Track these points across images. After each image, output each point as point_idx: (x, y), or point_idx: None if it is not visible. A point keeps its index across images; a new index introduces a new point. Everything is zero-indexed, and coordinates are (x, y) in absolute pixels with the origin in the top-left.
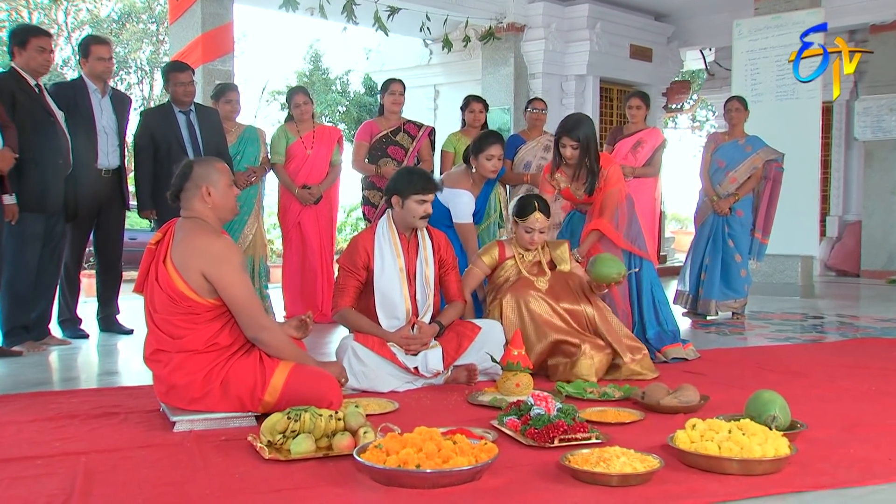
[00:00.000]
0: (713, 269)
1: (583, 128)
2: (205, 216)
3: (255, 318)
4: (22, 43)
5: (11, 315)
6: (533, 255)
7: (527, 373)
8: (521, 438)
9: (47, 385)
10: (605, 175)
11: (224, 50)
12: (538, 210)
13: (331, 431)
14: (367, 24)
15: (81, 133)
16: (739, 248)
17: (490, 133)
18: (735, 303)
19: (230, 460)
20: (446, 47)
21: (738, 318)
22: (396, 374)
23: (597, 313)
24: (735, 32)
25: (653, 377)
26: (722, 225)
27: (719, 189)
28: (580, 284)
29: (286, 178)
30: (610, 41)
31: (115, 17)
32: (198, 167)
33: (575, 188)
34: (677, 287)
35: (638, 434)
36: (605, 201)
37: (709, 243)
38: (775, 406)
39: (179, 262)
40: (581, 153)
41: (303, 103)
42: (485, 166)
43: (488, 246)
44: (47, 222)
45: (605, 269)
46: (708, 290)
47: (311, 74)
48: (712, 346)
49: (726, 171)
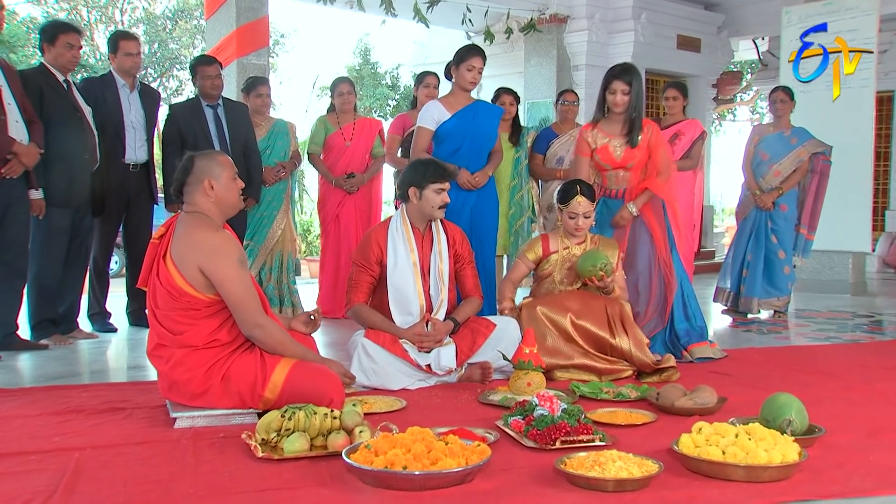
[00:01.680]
0: (755, 266)
1: (634, 73)
2: (207, 210)
3: (250, 314)
4: (51, 39)
5: (39, 308)
6: (580, 248)
7: (539, 371)
8: (522, 440)
9: (67, 378)
10: (650, 132)
11: (259, 44)
12: (580, 193)
13: (326, 430)
14: (408, 16)
15: (109, 128)
16: (783, 245)
17: (474, 45)
18: (778, 301)
19: (223, 458)
20: (488, 39)
21: (780, 317)
22: (408, 371)
23: (633, 345)
24: (784, 20)
25: (678, 377)
26: (765, 220)
27: (762, 183)
28: (620, 314)
29: (323, 168)
30: (656, 31)
31: (169, 13)
32: (199, 161)
33: (614, 146)
34: (718, 284)
35: (647, 437)
36: (660, 162)
37: (751, 239)
38: (791, 409)
39: (177, 257)
40: (630, 100)
41: (346, 92)
42: (464, 76)
43: (532, 241)
44: (74, 216)
45: (582, 262)
46: (750, 287)
47: (360, 69)
48: (747, 346)
49: (770, 163)
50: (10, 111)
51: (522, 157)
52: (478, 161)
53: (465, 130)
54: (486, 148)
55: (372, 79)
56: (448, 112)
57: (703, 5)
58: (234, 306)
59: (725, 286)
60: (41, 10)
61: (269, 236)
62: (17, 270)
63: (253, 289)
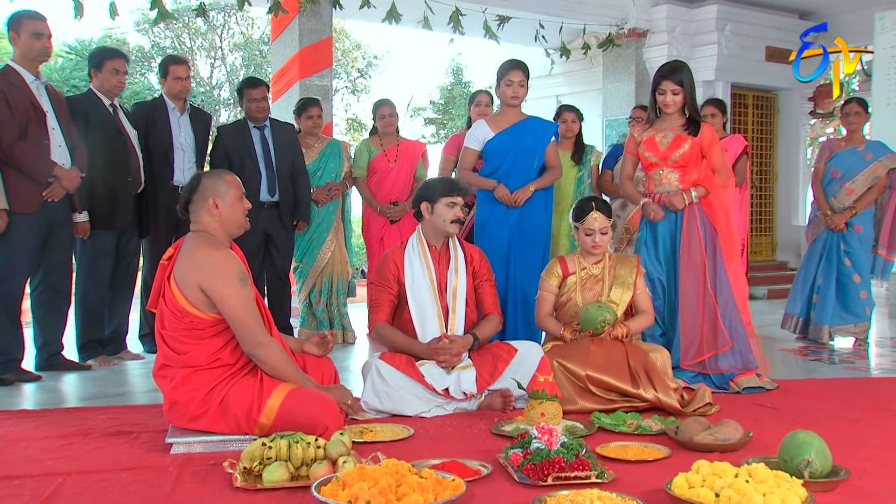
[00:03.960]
0: (826, 291)
1: (684, 72)
2: (212, 229)
3: (251, 333)
4: (98, 65)
5: (85, 330)
6: (599, 268)
7: (554, 401)
8: (515, 474)
9: (100, 400)
10: (705, 132)
11: (322, 65)
12: (595, 209)
13: (311, 459)
14: (478, 34)
15: (158, 150)
16: (858, 268)
17: (513, 60)
18: (855, 328)
19: (202, 487)
20: (564, 55)
21: (860, 346)
22: (424, 396)
23: (660, 393)
24: (877, 26)
25: (715, 410)
26: (837, 242)
27: (834, 202)
28: (644, 365)
29: (367, 193)
30: (741, 43)
31: (266, 38)
32: (206, 179)
33: (660, 137)
34: (786, 309)
35: (653, 474)
36: (715, 161)
37: (821, 262)
38: (810, 449)
39: (179, 277)
40: (682, 100)
41: (388, 115)
42: (504, 92)
43: (550, 264)
44: (119, 239)
45: (584, 322)
46: (820, 313)
47: (452, 88)
48: (808, 376)
49: (842, 181)
50: (54, 136)
51: (585, 177)
52: (522, 178)
53: (507, 148)
54: (531, 165)
55: (464, 98)
56: (493, 131)
57: (796, 14)
58: (235, 324)
59: (794, 312)
60: (148, 40)
61: (318, 258)
62: (62, 292)
63: (255, 307)
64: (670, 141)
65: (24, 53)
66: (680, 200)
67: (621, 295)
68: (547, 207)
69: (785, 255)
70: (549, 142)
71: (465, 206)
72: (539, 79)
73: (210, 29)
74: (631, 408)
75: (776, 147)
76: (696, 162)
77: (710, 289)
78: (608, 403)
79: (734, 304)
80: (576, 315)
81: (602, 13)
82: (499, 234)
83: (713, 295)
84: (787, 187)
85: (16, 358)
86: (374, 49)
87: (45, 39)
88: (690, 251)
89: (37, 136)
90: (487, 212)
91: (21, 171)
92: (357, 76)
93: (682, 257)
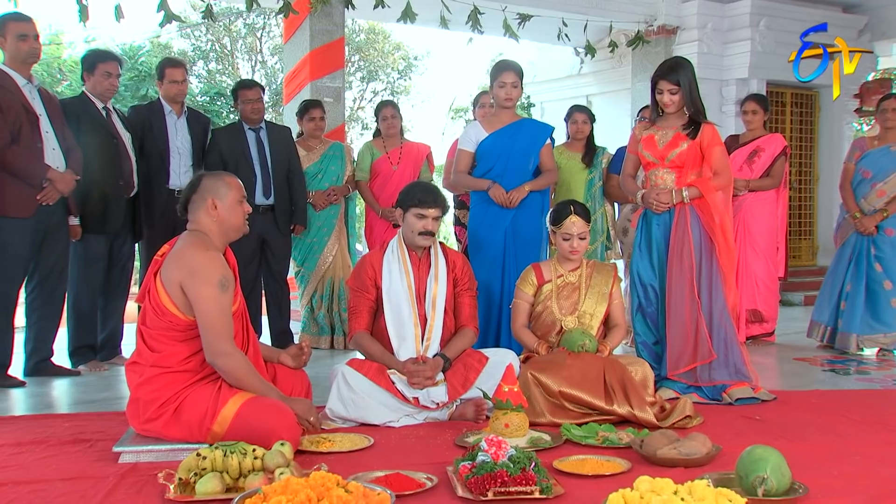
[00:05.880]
0: (855, 298)
1: (682, 70)
2: (208, 230)
3: (217, 340)
4: (90, 68)
5: (77, 335)
6: (575, 275)
7: (519, 412)
8: (459, 487)
9: (80, 406)
10: (706, 132)
11: (334, 66)
12: (574, 213)
13: (248, 471)
14: (498, 33)
15: (155, 154)
16: (890, 274)
17: (504, 61)
18: (885, 337)
19: (135, 499)
20: (590, 54)
21: (884, 356)
22: (393, 405)
23: (635, 407)
24: None
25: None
26: (867, 246)
27: (864, 204)
28: (620, 380)
29: (370, 196)
30: (777, 39)
31: None
32: (207, 179)
33: (659, 136)
34: (812, 317)
35: (607, 489)
36: (716, 162)
37: (850, 267)
38: (766, 466)
39: (165, 274)
40: (681, 99)
41: (391, 116)
42: (497, 94)
43: (525, 272)
44: (112, 243)
45: (567, 336)
46: (848, 322)
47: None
48: (813, 387)
49: (872, 182)
50: (48, 139)
51: (596, 179)
52: (516, 180)
53: (500, 149)
54: (525, 166)
55: None
56: (486, 131)
57: (839, 7)
58: (205, 328)
59: (821, 320)
60: (189, 44)
61: (319, 263)
62: (55, 297)
63: (229, 315)
64: (669, 140)
65: (12, 56)
66: (668, 196)
67: (595, 307)
68: (543, 211)
69: (826, 260)
70: (545, 144)
71: (462, 207)
72: (568, 78)
73: (250, 32)
74: (604, 420)
75: (817, 147)
76: (695, 163)
77: (696, 296)
78: (581, 417)
79: (728, 315)
80: (552, 325)
81: (630, 10)
82: (493, 238)
83: (699, 302)
84: (829, 190)
85: (2, 363)
86: (414, 50)
87: (31, 41)
88: (680, 257)
89: (30, 140)
90: (482, 214)
91: (15, 175)
92: (398, 77)
93: (672, 262)
